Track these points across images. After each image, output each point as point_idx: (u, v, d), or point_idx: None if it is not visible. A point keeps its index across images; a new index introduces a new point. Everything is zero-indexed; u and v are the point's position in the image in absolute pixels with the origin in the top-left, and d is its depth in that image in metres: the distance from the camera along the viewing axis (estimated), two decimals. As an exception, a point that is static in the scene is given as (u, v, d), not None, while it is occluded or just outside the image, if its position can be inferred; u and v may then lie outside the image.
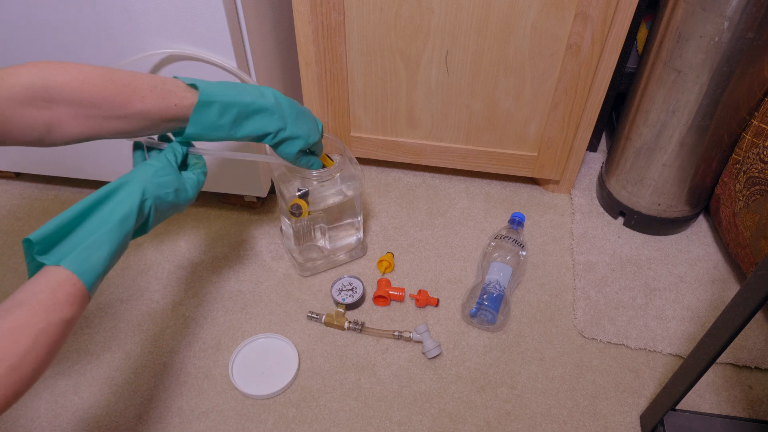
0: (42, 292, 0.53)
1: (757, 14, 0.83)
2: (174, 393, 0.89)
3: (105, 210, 0.59)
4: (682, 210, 1.13)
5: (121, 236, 0.59)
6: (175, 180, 0.67)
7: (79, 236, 0.57)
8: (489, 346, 0.96)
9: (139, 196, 0.61)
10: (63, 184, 1.23)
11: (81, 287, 0.55)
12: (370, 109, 1.14)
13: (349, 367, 0.93)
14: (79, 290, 0.55)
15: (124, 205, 0.60)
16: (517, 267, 1.02)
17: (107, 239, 0.58)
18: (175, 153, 0.70)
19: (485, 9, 0.95)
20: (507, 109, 1.09)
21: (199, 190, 0.72)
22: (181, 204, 0.68)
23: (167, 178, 0.65)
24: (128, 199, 0.61)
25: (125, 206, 0.60)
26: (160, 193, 0.64)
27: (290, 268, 1.08)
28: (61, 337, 0.54)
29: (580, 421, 0.87)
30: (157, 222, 0.66)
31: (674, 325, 1.00)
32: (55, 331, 0.52)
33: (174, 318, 0.99)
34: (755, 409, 0.89)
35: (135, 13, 0.86)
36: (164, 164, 0.67)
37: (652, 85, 1.00)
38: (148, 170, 0.64)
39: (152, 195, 0.63)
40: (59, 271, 0.54)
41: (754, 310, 0.60)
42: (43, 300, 0.52)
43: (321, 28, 1.01)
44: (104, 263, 0.57)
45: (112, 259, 0.59)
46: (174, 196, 0.66)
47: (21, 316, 0.51)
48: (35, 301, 0.52)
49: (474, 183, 1.27)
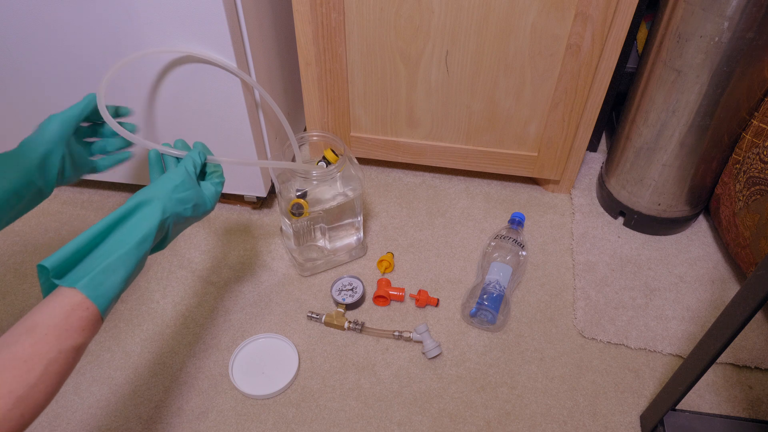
0: (55, 317, 0.51)
1: (757, 14, 0.83)
2: (174, 393, 0.89)
3: (123, 231, 0.58)
4: (682, 210, 1.13)
5: (138, 258, 0.58)
6: (195, 195, 0.65)
7: (96, 258, 0.56)
8: (489, 346, 0.96)
9: (159, 216, 0.59)
10: (63, 184, 1.23)
11: (95, 311, 0.54)
12: (370, 109, 1.14)
13: (349, 367, 0.93)
14: (93, 315, 0.54)
15: (143, 226, 0.58)
16: (517, 267, 1.02)
17: (124, 262, 0.56)
18: (195, 163, 0.68)
19: (485, 9, 0.95)
20: (507, 109, 1.09)
21: (217, 201, 0.70)
22: (200, 217, 0.67)
23: (187, 194, 0.64)
24: (148, 219, 0.59)
25: (144, 227, 0.58)
26: (180, 209, 0.63)
27: (290, 268, 1.08)
28: (71, 364, 0.52)
29: (580, 421, 0.87)
30: (175, 237, 0.65)
31: (674, 325, 1.00)
32: (65, 359, 0.51)
33: (174, 318, 0.99)
34: (755, 409, 0.89)
35: (135, 13, 0.86)
36: (184, 178, 0.64)
37: (652, 85, 1.00)
38: (168, 185, 0.63)
39: (172, 212, 0.61)
40: (73, 295, 0.53)
41: (754, 310, 0.60)
42: (56, 325, 0.51)
43: (321, 28, 1.01)
44: (119, 286, 0.56)
45: (128, 281, 0.58)
46: (192, 211, 0.65)
47: (33, 344, 0.49)
48: (48, 327, 0.51)
49: (474, 183, 1.27)
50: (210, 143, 1.04)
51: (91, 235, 0.56)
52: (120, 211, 0.59)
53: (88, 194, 1.21)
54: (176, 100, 0.97)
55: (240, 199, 1.17)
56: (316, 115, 1.16)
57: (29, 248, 1.10)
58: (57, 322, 0.51)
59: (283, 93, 1.16)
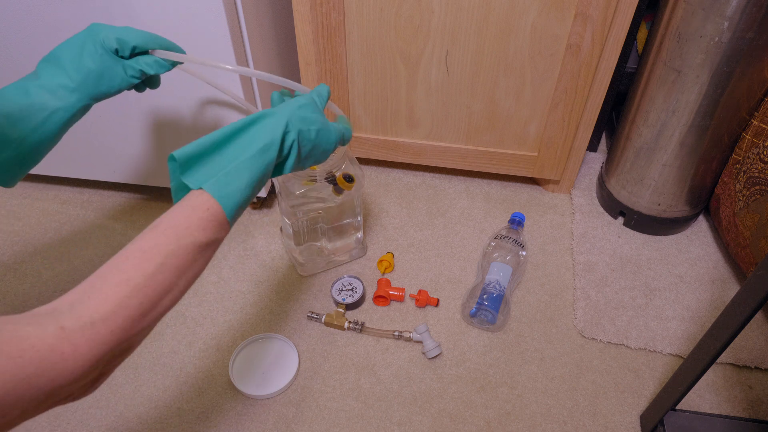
0: (178, 215, 0.52)
1: (757, 14, 0.83)
2: (174, 393, 0.89)
3: (246, 137, 0.58)
4: (682, 210, 1.13)
5: (262, 166, 0.58)
6: (320, 119, 0.65)
7: (220, 162, 0.56)
8: (489, 346, 0.96)
9: (282, 127, 0.59)
10: (63, 184, 1.23)
11: (218, 211, 0.54)
12: (370, 109, 1.14)
13: (349, 367, 0.93)
14: (215, 215, 0.54)
15: (266, 133, 0.58)
16: (517, 267, 1.02)
17: (248, 167, 0.56)
18: (320, 94, 0.68)
19: (485, 9, 0.95)
20: (507, 109, 1.09)
21: (340, 145, 0.69)
22: (322, 148, 0.66)
23: (312, 115, 0.64)
24: (271, 127, 0.59)
25: (268, 135, 0.58)
26: (304, 127, 0.62)
27: (290, 268, 1.08)
28: (192, 261, 0.52)
29: (580, 421, 0.87)
30: (298, 164, 0.64)
31: (674, 325, 1.00)
32: (185, 254, 0.51)
33: (174, 318, 0.99)
34: (755, 409, 0.90)
35: (135, 13, 0.86)
36: (309, 101, 0.65)
37: (652, 85, 1.00)
38: (293, 103, 0.63)
39: (296, 128, 0.61)
40: (198, 195, 0.54)
41: (754, 310, 0.60)
42: (178, 223, 0.52)
43: (321, 28, 1.01)
44: (244, 192, 0.56)
45: (252, 190, 0.58)
46: (316, 135, 0.64)
47: (151, 238, 0.50)
48: (170, 223, 0.51)
49: (474, 183, 1.27)
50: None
51: (215, 139, 0.56)
52: (244, 120, 0.59)
53: (88, 194, 1.21)
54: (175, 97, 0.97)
55: (240, 199, 1.17)
56: (316, 115, 1.16)
57: (29, 248, 1.10)
58: (179, 220, 0.52)
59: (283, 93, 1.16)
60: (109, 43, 0.65)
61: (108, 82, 0.67)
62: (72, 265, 1.06)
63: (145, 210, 1.18)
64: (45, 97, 0.64)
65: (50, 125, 0.65)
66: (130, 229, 1.13)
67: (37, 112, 0.64)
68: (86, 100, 0.67)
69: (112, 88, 0.67)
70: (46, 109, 0.64)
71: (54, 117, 0.65)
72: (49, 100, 0.64)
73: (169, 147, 1.05)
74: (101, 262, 0.48)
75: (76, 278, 1.03)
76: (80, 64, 0.65)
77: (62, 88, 0.65)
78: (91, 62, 0.65)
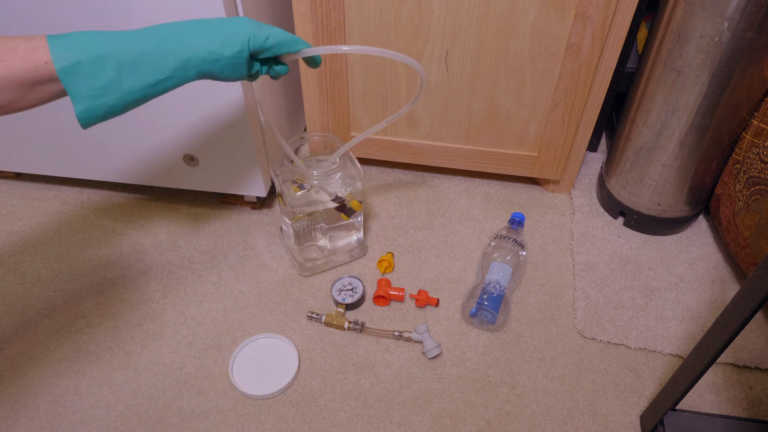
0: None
1: (757, 14, 0.83)
2: (174, 393, 0.89)
3: None
4: (682, 210, 1.13)
5: None
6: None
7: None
8: (489, 346, 0.96)
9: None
10: (63, 184, 1.23)
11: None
12: (370, 109, 1.14)
13: (349, 367, 0.93)
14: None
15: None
16: (517, 267, 1.02)
17: None
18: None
19: (485, 9, 0.95)
20: (507, 109, 1.09)
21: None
22: None
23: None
24: None
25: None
26: None
27: (290, 268, 1.08)
28: None
29: (580, 421, 0.87)
30: None
31: (674, 325, 1.00)
32: None
33: (174, 318, 0.99)
34: (755, 409, 0.90)
35: (135, 14, 0.86)
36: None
37: (652, 85, 1.00)
38: None
39: None
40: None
41: (754, 310, 0.60)
42: None
43: (321, 28, 1.01)
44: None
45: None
46: None
47: None
48: None
49: (474, 183, 1.27)
50: (210, 141, 1.04)
51: None
52: None
53: (88, 194, 1.21)
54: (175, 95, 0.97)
55: (240, 199, 1.17)
56: (316, 115, 1.16)
57: (29, 248, 1.10)
58: None
59: (283, 93, 1.16)
60: (256, 43, 0.63)
61: (229, 74, 0.65)
62: (72, 265, 1.06)
63: (145, 210, 1.18)
64: None
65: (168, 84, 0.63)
66: (130, 229, 1.13)
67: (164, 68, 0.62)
68: (197, 78, 0.65)
69: (229, 78, 0.66)
70: None
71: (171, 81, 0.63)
72: None
73: (169, 147, 1.05)
74: (101, 262, 0.48)
75: (76, 278, 1.03)
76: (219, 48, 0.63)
77: None
78: (228, 51, 0.62)
